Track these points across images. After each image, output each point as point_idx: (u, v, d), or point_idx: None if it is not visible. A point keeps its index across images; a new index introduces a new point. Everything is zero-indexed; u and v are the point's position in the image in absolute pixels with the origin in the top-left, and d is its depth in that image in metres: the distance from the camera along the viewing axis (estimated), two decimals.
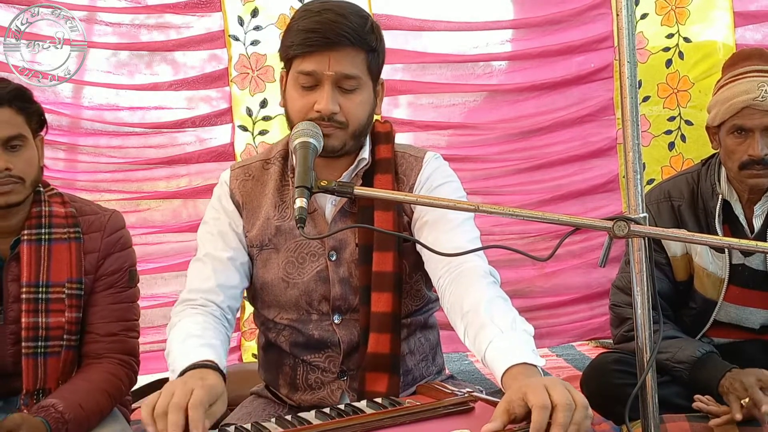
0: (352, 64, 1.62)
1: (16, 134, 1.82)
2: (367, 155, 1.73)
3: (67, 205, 1.94)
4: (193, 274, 1.74)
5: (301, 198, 1.37)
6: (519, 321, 1.45)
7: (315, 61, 1.60)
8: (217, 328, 1.63)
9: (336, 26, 1.59)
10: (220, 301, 1.69)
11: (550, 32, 3.38)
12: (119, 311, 1.95)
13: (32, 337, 1.84)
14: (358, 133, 1.67)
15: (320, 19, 1.60)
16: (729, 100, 2.07)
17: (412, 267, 1.73)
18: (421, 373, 1.80)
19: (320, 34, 1.59)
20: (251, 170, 1.79)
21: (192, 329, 1.59)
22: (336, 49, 1.60)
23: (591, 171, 3.43)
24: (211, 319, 1.65)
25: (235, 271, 1.73)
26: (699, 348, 2.05)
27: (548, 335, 3.43)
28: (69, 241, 1.89)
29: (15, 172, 1.81)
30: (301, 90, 1.63)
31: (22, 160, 1.83)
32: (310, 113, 1.61)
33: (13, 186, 1.81)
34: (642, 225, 1.40)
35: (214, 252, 1.73)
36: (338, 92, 1.62)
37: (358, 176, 1.72)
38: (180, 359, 1.49)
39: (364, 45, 1.63)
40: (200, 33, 3.17)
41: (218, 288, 1.70)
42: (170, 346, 1.58)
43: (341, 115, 1.62)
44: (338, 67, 1.60)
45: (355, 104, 1.64)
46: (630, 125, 1.48)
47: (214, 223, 1.77)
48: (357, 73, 1.63)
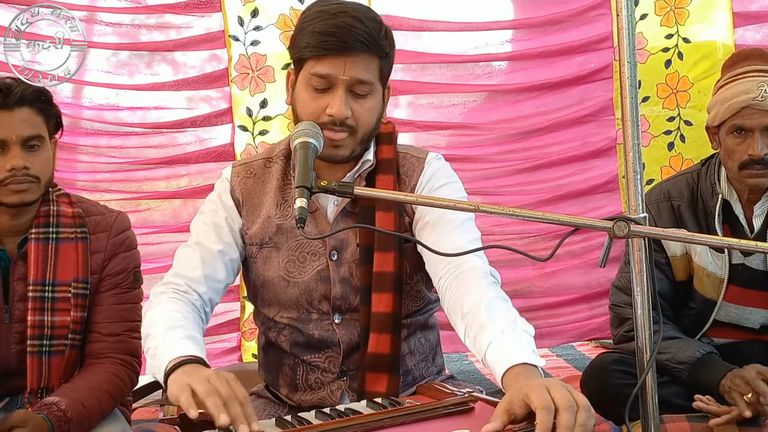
0: (366, 69, 1.62)
1: (36, 134, 1.85)
2: (371, 157, 1.73)
3: (75, 206, 1.95)
4: (180, 258, 1.74)
5: (301, 198, 1.37)
6: (519, 321, 1.45)
7: (330, 64, 1.60)
8: (196, 320, 1.63)
9: (353, 31, 1.58)
10: (203, 292, 1.69)
11: (550, 32, 3.38)
12: (123, 311, 1.96)
13: (37, 336, 1.85)
14: (366, 138, 1.67)
15: (337, 22, 1.59)
16: (729, 100, 2.07)
17: (413, 267, 1.73)
18: (421, 374, 1.80)
19: (337, 38, 1.58)
20: (253, 168, 1.79)
21: (174, 318, 1.58)
22: (352, 54, 1.59)
23: (591, 171, 3.43)
24: (191, 309, 1.65)
25: (223, 265, 1.73)
26: (699, 348, 2.05)
27: (548, 335, 3.44)
28: (76, 241, 1.90)
29: (32, 172, 1.83)
30: (313, 92, 1.63)
31: (39, 160, 1.85)
32: (321, 116, 1.61)
33: (29, 185, 1.83)
34: (642, 225, 1.40)
35: (205, 242, 1.73)
36: (350, 96, 1.62)
37: (361, 177, 1.73)
38: (166, 349, 1.48)
39: (378, 51, 1.63)
40: (200, 33, 3.18)
41: (204, 278, 1.70)
42: (149, 329, 1.58)
43: (352, 120, 1.62)
44: (353, 72, 1.60)
45: (365, 109, 1.64)
46: (630, 125, 1.48)
47: (210, 215, 1.77)
48: (370, 78, 1.63)
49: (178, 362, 1.43)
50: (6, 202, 1.83)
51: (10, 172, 1.80)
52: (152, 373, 1.54)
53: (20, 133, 1.82)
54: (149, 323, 1.60)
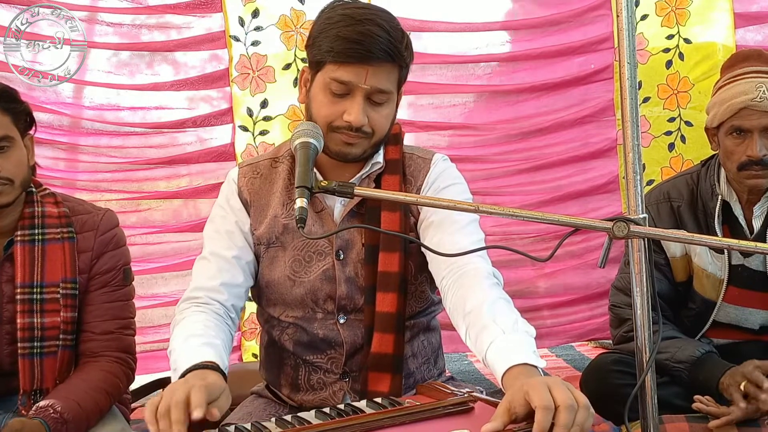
0: (387, 79, 1.61)
1: (3, 135, 1.80)
2: (381, 159, 1.73)
3: (60, 205, 1.92)
4: (198, 272, 1.74)
5: (301, 198, 1.37)
6: (521, 323, 1.45)
7: (352, 72, 1.58)
8: (219, 326, 1.63)
9: (378, 40, 1.56)
10: (224, 299, 1.70)
11: (551, 33, 3.39)
12: (114, 309, 1.95)
13: (28, 338, 1.84)
14: (379, 142, 1.68)
15: (363, 30, 1.57)
16: (727, 101, 2.07)
17: (417, 268, 1.73)
18: (423, 376, 1.80)
19: (363, 47, 1.56)
20: (259, 168, 1.79)
21: (194, 328, 1.59)
22: (374, 64, 1.58)
23: (591, 172, 3.43)
24: (213, 317, 1.65)
25: (240, 270, 1.73)
26: (698, 348, 2.05)
27: (548, 335, 3.44)
28: (62, 241, 1.89)
29: (3, 174, 1.79)
30: (332, 96, 1.62)
31: (10, 162, 1.81)
32: (337, 121, 1.61)
33: (2, 188, 1.79)
34: (642, 226, 1.40)
35: (219, 251, 1.73)
36: (368, 104, 1.62)
37: (370, 179, 1.73)
38: (181, 359, 1.49)
39: (400, 61, 1.63)
40: (201, 33, 3.18)
41: (222, 287, 1.70)
42: (173, 344, 1.59)
43: (368, 127, 1.63)
44: (374, 81, 1.59)
45: (382, 116, 1.65)
46: (630, 126, 1.48)
47: (221, 222, 1.77)
48: (390, 88, 1.63)
49: (189, 369, 1.44)
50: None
51: None
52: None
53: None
54: (172, 339, 1.61)
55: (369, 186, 1.72)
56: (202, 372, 1.43)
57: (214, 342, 1.55)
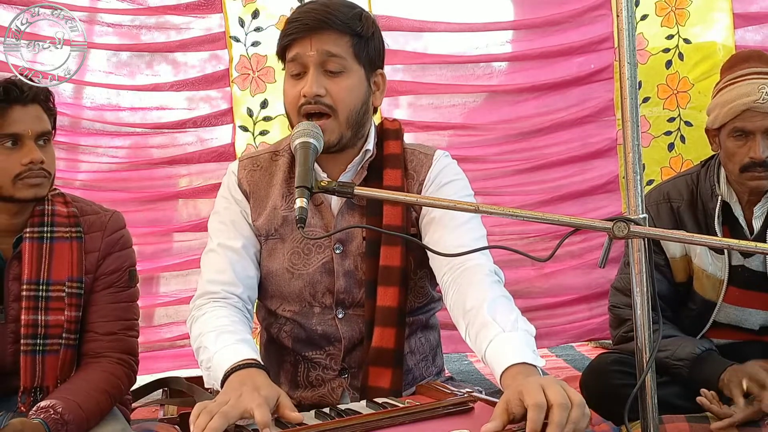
0: (334, 44, 1.65)
1: (47, 130, 1.88)
2: (371, 147, 1.74)
3: (70, 205, 1.95)
4: (208, 265, 1.74)
5: (301, 198, 1.38)
6: (521, 321, 1.46)
7: (298, 46, 1.65)
8: (243, 321, 1.65)
9: (316, 13, 1.64)
10: (240, 292, 1.71)
11: (551, 33, 3.38)
12: (119, 310, 1.95)
13: (31, 335, 1.84)
14: (352, 122, 1.67)
15: (304, 9, 1.67)
16: (729, 103, 2.07)
17: (417, 263, 1.73)
18: (421, 373, 1.81)
19: (301, 21, 1.64)
20: (259, 161, 1.80)
21: (221, 324, 1.60)
22: (317, 33, 1.64)
23: (591, 172, 3.43)
24: (235, 312, 1.66)
25: (250, 260, 1.74)
26: (699, 345, 2.05)
27: (547, 335, 3.44)
28: (70, 240, 1.90)
29: (45, 166, 1.85)
30: (291, 80, 1.67)
31: (49, 156, 1.88)
32: (299, 100, 1.64)
33: (42, 180, 1.85)
34: (642, 226, 1.40)
35: (226, 242, 1.74)
36: (324, 76, 1.65)
37: (363, 168, 1.73)
38: (219, 359, 1.49)
39: (346, 29, 1.65)
40: (201, 34, 3.18)
41: (237, 280, 1.71)
42: (203, 341, 1.59)
43: (328, 98, 1.64)
44: (318, 45, 1.63)
45: (341, 88, 1.65)
46: (630, 126, 1.48)
47: (225, 213, 1.78)
48: (340, 52, 1.65)
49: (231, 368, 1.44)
50: (20, 197, 1.83)
51: (26, 166, 1.81)
52: (210, 384, 1.55)
53: (35, 128, 1.84)
54: (198, 335, 1.61)
55: (362, 176, 1.72)
56: (247, 373, 1.42)
57: (246, 338, 1.57)
